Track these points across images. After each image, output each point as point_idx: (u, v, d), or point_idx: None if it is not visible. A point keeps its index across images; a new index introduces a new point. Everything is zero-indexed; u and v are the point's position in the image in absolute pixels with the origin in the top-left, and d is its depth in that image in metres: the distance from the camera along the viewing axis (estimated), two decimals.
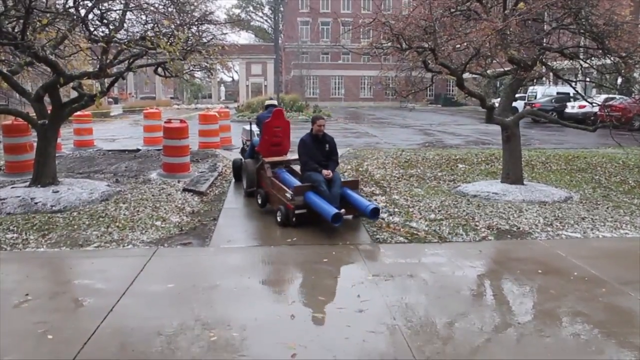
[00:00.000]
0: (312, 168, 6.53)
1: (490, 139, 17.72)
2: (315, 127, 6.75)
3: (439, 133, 20.89)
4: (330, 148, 6.80)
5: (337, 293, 4.35)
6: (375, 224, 6.28)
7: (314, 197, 6.21)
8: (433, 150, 13.60)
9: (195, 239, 5.79)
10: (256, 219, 6.74)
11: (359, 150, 13.28)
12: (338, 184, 6.38)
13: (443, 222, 6.37)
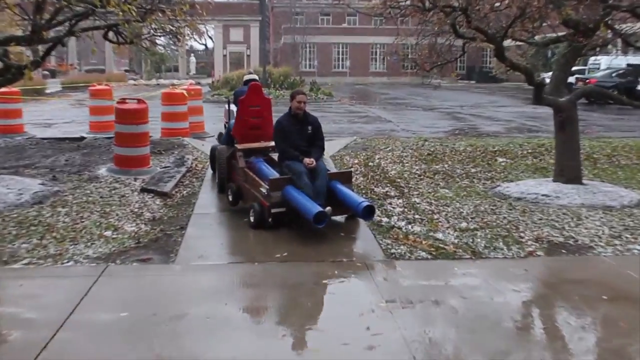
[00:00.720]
0: (291, 156, 6.76)
1: (538, 125, 17.75)
2: (294, 103, 6.95)
3: (472, 117, 20.91)
4: (313, 131, 6.97)
5: (341, 324, 4.32)
6: (390, 234, 6.28)
7: (294, 192, 6.40)
8: (464, 139, 13.62)
9: (157, 253, 5.77)
10: (236, 227, 6.73)
11: (368, 140, 13.30)
12: (323, 175, 6.60)
13: (477, 233, 6.36)
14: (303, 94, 7.08)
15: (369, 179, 9.01)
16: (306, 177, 6.52)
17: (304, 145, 6.91)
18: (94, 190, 8.10)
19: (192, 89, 15.06)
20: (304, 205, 6.24)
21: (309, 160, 6.73)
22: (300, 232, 6.39)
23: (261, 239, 6.28)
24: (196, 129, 14.21)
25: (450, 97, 32.48)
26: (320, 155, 6.96)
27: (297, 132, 6.94)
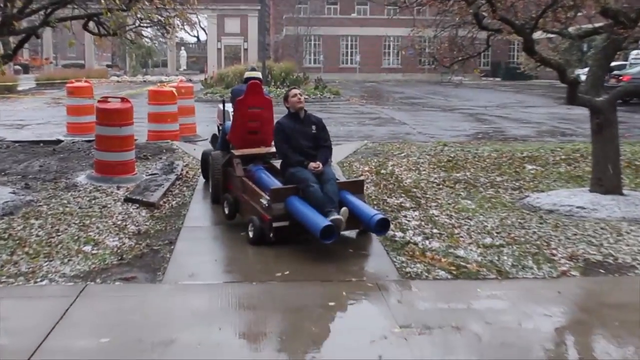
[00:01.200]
0: (295, 161, 6.84)
1: (572, 128, 17.73)
2: (291, 101, 7.06)
3: (498, 119, 20.90)
4: (317, 131, 7.05)
5: (350, 353, 4.31)
6: (405, 251, 6.28)
7: (299, 203, 6.43)
8: (489, 144, 13.63)
9: (143, 271, 5.77)
10: (232, 242, 6.74)
11: (380, 145, 13.32)
12: (332, 180, 6.66)
13: (504, 250, 6.35)
14: (295, 88, 7.17)
15: (381, 189, 9.02)
16: (315, 184, 6.55)
17: (308, 148, 6.94)
18: (71, 200, 8.12)
19: (183, 86, 15.13)
20: (309, 218, 6.24)
21: (314, 164, 6.77)
22: (304, 248, 6.39)
23: (261, 255, 6.28)
24: (187, 132, 14.26)
25: (472, 96, 32.49)
26: (327, 157, 6.99)
27: (300, 133, 6.98)
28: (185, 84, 15.86)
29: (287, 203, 6.50)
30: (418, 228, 7.07)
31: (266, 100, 8.05)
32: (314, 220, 6.18)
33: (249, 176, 7.31)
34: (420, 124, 19.15)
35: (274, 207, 6.51)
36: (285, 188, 6.68)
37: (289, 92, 7.15)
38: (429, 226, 7.15)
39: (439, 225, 7.20)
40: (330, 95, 29.68)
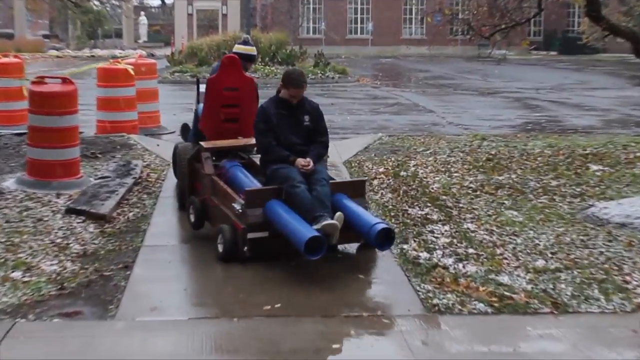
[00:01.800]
0: (278, 157, 6.95)
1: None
2: (285, 93, 7.12)
3: (553, 105, 20.89)
4: (312, 122, 7.15)
5: None
6: (432, 276, 6.27)
7: (281, 208, 6.52)
8: (541, 137, 13.61)
9: (90, 304, 5.76)
10: (206, 265, 6.74)
11: (400, 139, 13.30)
12: (325, 180, 6.78)
13: (561, 276, 6.34)
14: (300, 87, 7.11)
15: (401, 196, 9.00)
16: (301, 184, 6.62)
17: (298, 143, 7.04)
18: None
19: (143, 63, 15.11)
20: (291, 227, 6.30)
21: (303, 161, 6.85)
22: (297, 270, 6.39)
23: (242, 281, 6.27)
24: (148, 122, 14.25)
25: (519, 75, 32.49)
26: (320, 155, 7.11)
27: (288, 123, 7.06)
28: (146, 60, 15.84)
29: (266, 208, 6.56)
30: (449, 247, 7.05)
31: (246, 80, 8.10)
32: (297, 230, 6.23)
33: (220, 174, 7.39)
34: (451, 111, 19.15)
35: (250, 213, 6.56)
36: (264, 189, 6.77)
37: (289, 84, 7.10)
38: (463, 244, 7.13)
39: (476, 243, 7.18)
40: (334, 74, 29.71)
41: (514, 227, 7.72)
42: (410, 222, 7.85)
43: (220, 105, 7.98)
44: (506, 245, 7.12)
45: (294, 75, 7.21)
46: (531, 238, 7.35)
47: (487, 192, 9.21)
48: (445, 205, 8.56)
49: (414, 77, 32.17)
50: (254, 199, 6.61)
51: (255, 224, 6.52)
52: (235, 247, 6.55)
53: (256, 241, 6.52)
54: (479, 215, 8.16)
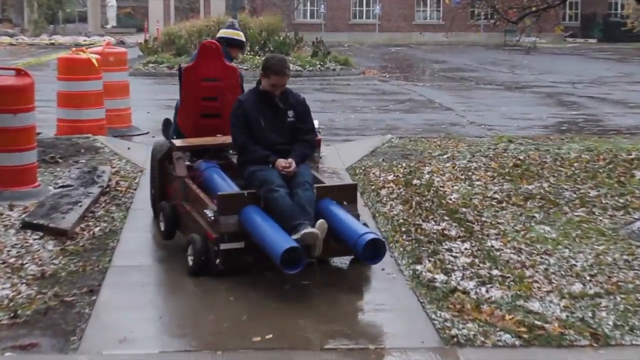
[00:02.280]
0: (256, 157, 7.15)
1: None
2: (266, 82, 7.25)
3: (592, 102, 20.90)
4: (296, 118, 7.31)
5: None
6: (450, 302, 6.28)
7: (258, 215, 6.67)
8: (578, 139, 13.60)
9: (48, 335, 5.76)
10: (184, 288, 6.75)
11: (412, 141, 13.30)
12: (308, 184, 6.94)
13: (601, 302, 6.35)
14: (283, 73, 7.25)
15: (414, 208, 9.01)
16: (280, 188, 6.73)
17: (280, 141, 7.18)
18: None
19: (111, 52, 15.13)
20: (267, 237, 6.40)
21: (284, 162, 6.97)
22: (291, 294, 6.42)
23: (227, 307, 6.29)
24: (117, 122, 14.25)
25: (552, 66, 32.50)
26: (305, 155, 7.24)
27: (269, 119, 7.20)
28: (115, 49, 15.85)
29: (241, 215, 6.66)
30: (470, 268, 7.06)
31: (228, 69, 8.22)
32: (272, 240, 6.31)
33: (195, 177, 7.49)
34: (472, 109, 19.17)
35: (223, 221, 6.67)
36: (239, 194, 6.86)
37: (270, 72, 7.23)
38: (486, 265, 7.13)
39: (502, 263, 7.19)
40: (335, 65, 29.72)
41: (546, 244, 7.72)
42: (424, 239, 7.86)
43: (199, 98, 8.10)
44: (537, 266, 7.12)
45: (274, 61, 7.32)
46: (566, 258, 7.35)
47: (515, 204, 9.20)
48: (465, 219, 8.57)
49: (428, 68, 32.21)
50: (227, 204, 6.71)
51: (229, 233, 6.63)
52: (207, 260, 6.67)
53: (230, 253, 6.63)
54: (504, 231, 8.16)
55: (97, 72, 13.50)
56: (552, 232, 8.12)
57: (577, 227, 8.30)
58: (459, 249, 7.61)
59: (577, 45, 49.80)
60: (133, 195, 9.64)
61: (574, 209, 9.05)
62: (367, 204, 9.25)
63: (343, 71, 29.15)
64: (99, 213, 8.82)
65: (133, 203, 9.27)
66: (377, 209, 8.95)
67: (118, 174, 10.63)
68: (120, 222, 8.51)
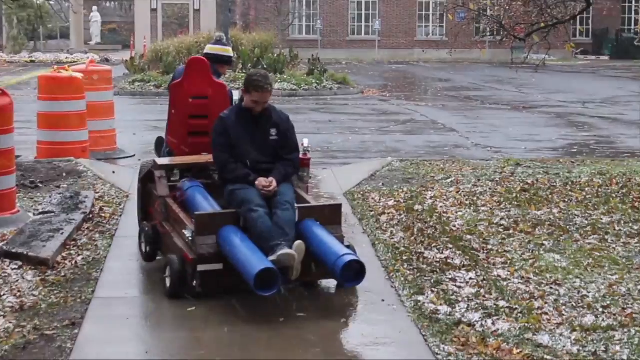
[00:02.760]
0: (236, 176, 7.36)
1: None
2: (247, 99, 7.45)
3: (604, 122, 20.92)
4: (280, 136, 7.56)
5: None
6: (454, 335, 6.28)
7: (235, 236, 6.85)
8: (590, 162, 13.59)
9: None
10: (174, 322, 6.76)
11: (413, 164, 13.29)
12: (289, 204, 7.14)
13: (615, 335, 6.35)
14: (265, 89, 7.41)
15: (416, 235, 9.01)
16: (259, 208, 6.91)
17: (262, 160, 7.38)
18: None
19: (95, 70, 15.14)
20: (242, 258, 6.53)
21: (264, 181, 7.16)
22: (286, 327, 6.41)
23: (218, 342, 6.28)
24: (102, 144, 14.24)
25: (563, 85, 32.55)
26: (287, 174, 7.42)
27: (251, 137, 7.41)
28: (100, 67, 15.86)
29: (219, 235, 6.81)
30: (475, 299, 7.05)
31: (216, 86, 8.32)
32: (247, 261, 6.46)
33: (177, 196, 7.64)
34: (477, 130, 19.18)
35: (200, 241, 6.81)
36: (217, 214, 7.04)
37: (252, 88, 7.41)
38: (493, 296, 7.13)
39: (509, 294, 7.18)
40: (333, 84, 29.71)
41: (556, 274, 7.71)
42: (427, 268, 7.86)
43: (187, 115, 8.23)
44: (546, 297, 7.11)
45: (255, 77, 7.48)
46: (577, 288, 7.35)
47: (523, 231, 9.20)
48: (470, 247, 8.57)
49: (431, 87, 32.27)
50: (205, 224, 6.85)
51: (207, 254, 6.77)
52: (185, 282, 6.82)
53: (208, 275, 6.75)
54: (512, 260, 8.16)
55: (80, 92, 13.49)
56: (562, 261, 8.12)
57: (588, 256, 8.30)
58: (464, 278, 7.60)
59: (588, 63, 49.91)
60: (118, 221, 9.63)
61: (586, 236, 9.05)
62: (366, 230, 9.27)
63: (341, 90, 29.15)
64: (82, 241, 8.80)
65: (118, 230, 9.27)
66: (377, 236, 8.95)
67: (102, 200, 10.61)
68: (104, 251, 8.50)
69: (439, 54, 52.94)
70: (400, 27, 57.21)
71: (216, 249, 6.80)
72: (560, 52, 35.90)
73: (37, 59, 47.41)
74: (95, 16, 62.09)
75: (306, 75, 30.52)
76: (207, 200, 7.46)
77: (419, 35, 57.88)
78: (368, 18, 57.96)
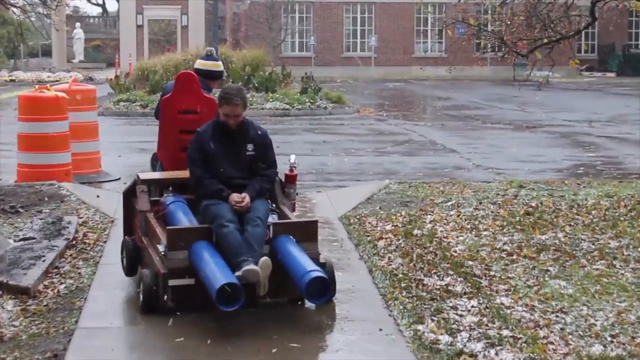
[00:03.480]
0: (210, 191, 7.71)
1: None
2: (222, 114, 7.87)
3: (611, 142, 20.95)
4: (257, 152, 7.95)
5: None
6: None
7: (207, 251, 7.19)
8: (596, 184, 13.60)
9: None
10: (162, 353, 6.73)
11: (412, 186, 13.30)
12: (260, 220, 7.48)
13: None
14: (234, 103, 7.72)
15: (414, 262, 8.99)
16: (230, 223, 7.24)
17: (237, 175, 7.73)
18: None
19: (78, 89, 15.16)
20: (208, 273, 6.82)
21: (237, 196, 7.48)
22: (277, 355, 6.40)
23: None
24: (85, 167, 14.23)
25: (567, 103, 32.64)
26: (262, 190, 7.73)
27: (227, 152, 7.74)
28: (83, 86, 15.88)
29: (192, 250, 7.12)
30: (477, 328, 7.03)
31: (207, 101, 8.53)
32: (212, 275, 6.75)
33: (159, 211, 7.93)
34: (478, 151, 19.21)
35: (171, 255, 7.13)
36: (189, 229, 7.33)
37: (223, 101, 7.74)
38: (496, 325, 7.11)
39: (513, 323, 7.16)
40: (327, 103, 29.79)
41: (562, 301, 7.70)
42: (426, 296, 7.84)
43: (177, 130, 8.48)
44: (552, 326, 7.10)
45: (227, 91, 7.88)
46: (584, 316, 7.33)
47: (527, 256, 9.19)
48: (471, 274, 8.55)
49: (430, 106, 32.38)
50: (177, 239, 7.16)
51: (177, 268, 7.09)
52: (154, 297, 7.10)
53: (180, 289, 7.05)
54: (515, 287, 8.14)
55: (63, 112, 13.49)
56: (568, 288, 8.11)
57: (596, 282, 8.28)
58: (465, 306, 7.59)
59: (594, 80, 50.06)
60: (103, 248, 9.61)
61: (593, 261, 9.04)
62: (362, 257, 9.26)
63: (335, 109, 29.23)
64: (65, 268, 8.79)
65: (102, 257, 9.24)
66: (374, 262, 8.95)
67: (86, 225, 10.60)
68: (88, 279, 8.47)
69: (438, 71, 52.99)
70: (397, 43, 57.45)
71: (188, 263, 7.07)
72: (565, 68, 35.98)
73: (17, 77, 47.49)
74: (78, 33, 62.20)
75: (299, 94, 30.57)
76: (187, 216, 7.70)
77: (417, 52, 58.13)
78: (364, 34, 58.20)
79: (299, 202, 10.42)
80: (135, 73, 34.72)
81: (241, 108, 7.74)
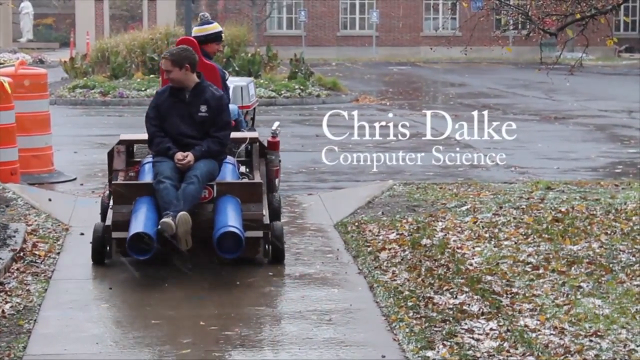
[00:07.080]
0: (159, 149, 9.00)
1: None
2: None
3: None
4: (210, 113, 8.97)
5: None
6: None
7: (144, 205, 8.33)
8: (637, 186, 13.61)
9: None
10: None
11: (420, 188, 13.31)
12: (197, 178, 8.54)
13: None
14: (163, 57, 9.16)
15: (423, 276, 9.01)
16: (167, 180, 8.40)
17: (189, 135, 8.85)
18: None
19: (26, 74, 15.14)
20: (132, 223, 7.98)
21: (180, 155, 8.61)
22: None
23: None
24: (35, 165, 14.22)
25: (603, 90, 32.66)
26: (209, 150, 8.79)
27: (179, 112, 8.87)
28: (32, 70, 15.88)
29: (135, 204, 8.25)
30: (497, 354, 7.04)
31: (207, 67, 9.52)
32: (132, 226, 7.92)
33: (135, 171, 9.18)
34: (499, 146, 19.20)
35: (115, 209, 8.30)
36: (133, 184, 8.58)
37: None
38: (519, 351, 7.12)
39: (539, 348, 7.17)
40: (320, 90, 29.75)
41: (597, 323, 7.69)
42: (437, 317, 7.85)
43: None
44: (585, 352, 7.09)
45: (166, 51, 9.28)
46: (623, 341, 7.32)
47: (555, 270, 9.20)
48: (490, 291, 8.57)
49: (441, 93, 32.40)
50: (121, 194, 8.34)
51: (122, 222, 8.18)
52: (103, 247, 8.27)
53: (123, 242, 8.09)
54: (542, 306, 8.14)
55: (7, 100, 13.44)
56: (604, 307, 8.10)
57: (637, 301, 8.29)
58: (483, 329, 7.59)
59: (634, 62, 50.02)
60: (55, 261, 9.57)
61: (633, 276, 9.03)
62: (362, 270, 9.28)
63: (330, 98, 29.21)
64: (11, 285, 8.77)
65: (55, 272, 9.21)
66: (375, 277, 8.96)
67: (36, 234, 10.59)
68: (38, 297, 8.46)
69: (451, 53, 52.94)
70: (402, 19, 57.32)
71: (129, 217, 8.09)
72: (600, 49, 36.14)
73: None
74: (26, 7, 61.88)
75: (287, 79, 30.52)
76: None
77: (426, 30, 58.08)
78: (363, 9, 58.04)
79: (287, 207, 10.46)
80: (94, 54, 34.63)
81: (172, 64, 8.75)
